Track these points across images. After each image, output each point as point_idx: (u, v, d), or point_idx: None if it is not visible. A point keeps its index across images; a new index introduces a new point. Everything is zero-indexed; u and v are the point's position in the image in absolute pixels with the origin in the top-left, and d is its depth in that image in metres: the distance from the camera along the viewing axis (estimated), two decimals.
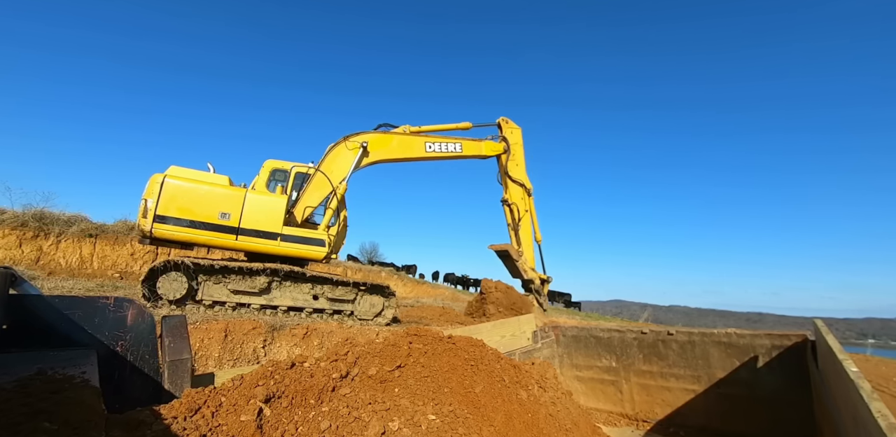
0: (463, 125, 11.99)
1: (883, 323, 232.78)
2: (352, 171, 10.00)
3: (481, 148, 11.96)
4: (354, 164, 10.02)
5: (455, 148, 11.37)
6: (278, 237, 8.71)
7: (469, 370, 3.22)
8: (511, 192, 12.20)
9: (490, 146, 12.11)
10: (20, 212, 13.30)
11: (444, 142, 11.28)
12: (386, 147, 10.67)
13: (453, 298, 25.26)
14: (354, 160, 10.00)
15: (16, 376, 1.81)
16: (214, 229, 8.23)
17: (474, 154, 11.84)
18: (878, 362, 10.20)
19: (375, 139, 10.46)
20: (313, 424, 2.29)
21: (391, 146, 10.75)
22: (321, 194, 9.69)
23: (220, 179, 8.80)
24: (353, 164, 9.98)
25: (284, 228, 8.80)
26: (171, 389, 2.85)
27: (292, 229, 8.97)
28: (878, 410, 1.95)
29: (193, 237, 8.21)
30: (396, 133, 10.98)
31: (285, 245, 8.81)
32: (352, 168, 9.99)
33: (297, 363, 2.69)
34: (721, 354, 5.24)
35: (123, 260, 14.55)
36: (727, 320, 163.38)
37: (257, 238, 8.57)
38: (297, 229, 9.07)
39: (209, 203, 8.26)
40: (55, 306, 2.61)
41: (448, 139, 11.40)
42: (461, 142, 11.48)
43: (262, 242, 8.62)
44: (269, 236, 8.63)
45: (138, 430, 1.88)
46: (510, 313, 10.63)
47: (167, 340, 3.01)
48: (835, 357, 3.00)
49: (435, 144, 11.15)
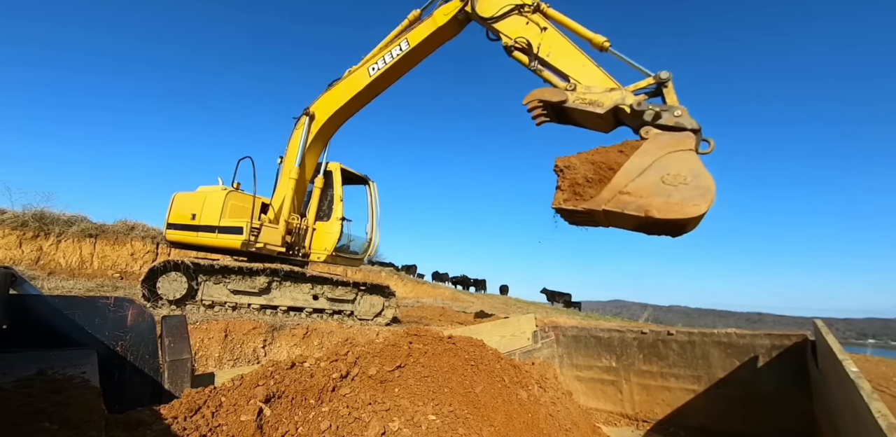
0: (409, 18, 8.36)
1: (883, 323, 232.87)
2: (301, 147, 9.28)
3: (433, 21, 7.80)
4: (303, 138, 9.28)
5: (402, 47, 8.19)
6: (216, 230, 8.72)
7: (469, 370, 3.22)
8: (506, 28, 6.94)
9: (442, 11, 7.72)
10: (20, 212, 13.30)
11: (388, 50, 8.38)
12: (332, 101, 9.16)
13: (453, 298, 25.26)
14: (302, 134, 9.29)
15: (16, 376, 1.81)
16: (188, 228, 9.06)
17: (429, 36, 7.87)
18: (878, 362, 10.21)
19: (320, 101, 9.37)
20: (313, 424, 2.29)
21: (337, 97, 9.09)
22: (288, 185, 9.36)
23: (216, 188, 9.14)
24: (301, 139, 9.29)
25: (225, 220, 8.69)
26: (171, 389, 2.85)
27: (231, 219, 8.75)
28: (878, 410, 1.95)
29: (181, 238, 9.10)
30: (340, 80, 9.16)
31: (220, 236, 8.79)
32: (300, 144, 9.29)
33: (297, 363, 2.69)
34: (721, 354, 5.25)
35: (123, 260, 14.56)
36: (727, 320, 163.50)
37: (205, 233, 8.86)
38: (234, 219, 8.79)
39: (188, 207, 9.18)
40: (55, 306, 2.61)
41: (392, 45, 8.35)
42: (405, 36, 8.21)
43: (206, 235, 8.86)
44: (210, 229, 8.81)
45: (138, 430, 1.88)
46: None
47: (167, 340, 3.01)
48: (835, 357, 3.00)
49: (378, 60, 8.47)
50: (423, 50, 8.15)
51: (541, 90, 5.88)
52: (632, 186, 4.43)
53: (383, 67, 8.36)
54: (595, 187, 4.78)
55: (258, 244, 8.65)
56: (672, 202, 4.18)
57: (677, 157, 4.50)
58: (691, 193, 4.16)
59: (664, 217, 4.15)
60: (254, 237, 8.58)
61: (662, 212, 4.16)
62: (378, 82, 8.66)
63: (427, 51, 8.26)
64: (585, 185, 4.87)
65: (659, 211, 4.17)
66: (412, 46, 7.97)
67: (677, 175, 4.33)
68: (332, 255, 9.85)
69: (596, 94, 5.54)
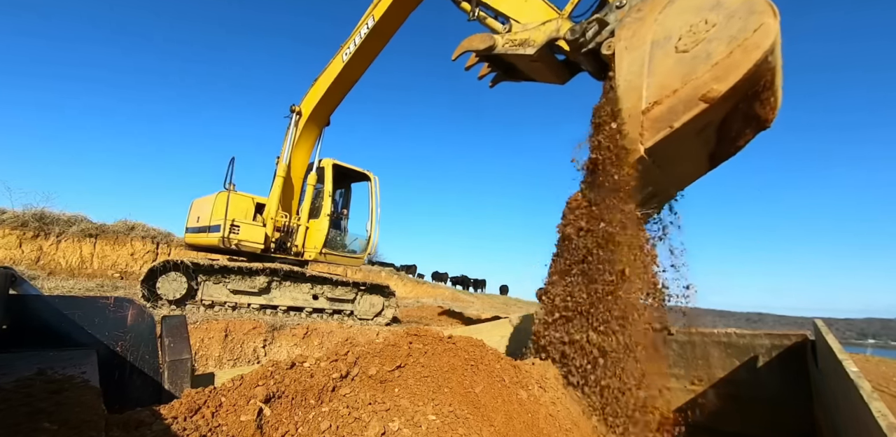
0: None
1: (883, 323, 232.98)
2: (291, 142, 9.46)
3: None
4: (291, 135, 9.44)
5: (368, 25, 7.86)
6: (208, 230, 9.08)
7: (469, 370, 3.22)
8: None
9: None
10: (20, 212, 13.31)
11: (357, 32, 8.10)
12: (315, 94, 9.25)
13: (453, 298, 25.26)
14: (290, 131, 9.47)
15: (16, 376, 1.81)
16: (194, 231, 9.71)
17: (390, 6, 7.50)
18: (878, 362, 10.21)
19: (306, 97, 9.52)
20: (313, 424, 2.29)
21: (318, 89, 9.15)
22: (277, 183, 9.45)
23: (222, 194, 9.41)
24: (290, 135, 9.46)
25: (214, 220, 8.98)
26: (171, 389, 2.85)
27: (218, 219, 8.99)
28: (878, 410, 1.95)
29: (190, 240, 9.78)
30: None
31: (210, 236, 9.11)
32: (289, 140, 9.46)
33: (297, 363, 2.69)
34: (721, 354, 5.25)
35: (123, 260, 14.56)
36: (727, 320, 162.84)
37: (203, 233, 9.30)
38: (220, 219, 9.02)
39: (198, 211, 9.85)
40: (55, 306, 2.61)
41: (360, 25, 8.05)
42: (371, 13, 7.85)
43: (202, 236, 9.33)
44: (205, 229, 9.23)
45: (138, 430, 1.88)
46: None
47: (167, 340, 3.01)
48: (835, 357, 3.00)
49: (350, 44, 8.27)
50: (389, 23, 7.83)
51: (469, 39, 4.87)
52: (653, 90, 2.98)
53: (354, 49, 8.17)
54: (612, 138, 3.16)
55: (234, 241, 8.75)
56: (719, 55, 2.72)
57: (672, 12, 3.02)
58: (735, 24, 2.70)
59: (732, 79, 2.69)
60: (234, 235, 8.69)
61: (720, 75, 2.71)
62: (352, 66, 8.51)
63: (393, 23, 7.91)
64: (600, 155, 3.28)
65: (716, 78, 2.71)
66: (378, 20, 7.69)
67: (693, 27, 2.85)
68: (322, 253, 9.76)
69: (528, 30, 4.30)
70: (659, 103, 2.91)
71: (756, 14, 2.65)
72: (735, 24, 2.70)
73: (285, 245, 9.45)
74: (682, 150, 3.13)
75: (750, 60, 2.63)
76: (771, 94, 2.91)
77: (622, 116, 3.11)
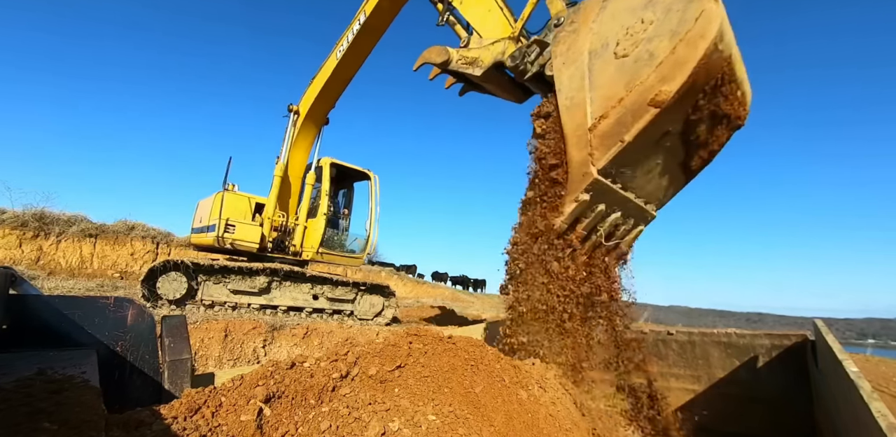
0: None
1: (883, 323, 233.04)
2: (289, 141, 9.57)
3: None
4: (288, 135, 9.57)
5: (359, 21, 7.89)
6: (207, 230, 9.19)
7: (469, 370, 3.22)
8: None
9: None
10: (20, 212, 13.31)
11: (350, 29, 8.16)
12: (311, 93, 9.39)
13: (453, 298, 25.27)
14: (288, 131, 9.60)
15: (16, 376, 1.81)
16: (197, 231, 9.92)
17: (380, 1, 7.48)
18: (878, 362, 10.21)
19: (304, 96, 9.63)
20: (313, 424, 2.29)
21: (314, 88, 9.30)
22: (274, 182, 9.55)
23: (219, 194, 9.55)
24: (288, 134, 9.59)
25: (212, 220, 9.07)
26: (171, 389, 2.86)
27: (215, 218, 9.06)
28: (878, 410, 1.95)
29: (195, 240, 10.00)
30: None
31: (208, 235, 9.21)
32: (287, 139, 9.58)
33: (297, 363, 2.69)
34: (721, 354, 5.25)
35: (123, 260, 14.56)
36: (727, 320, 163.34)
37: (204, 233, 9.40)
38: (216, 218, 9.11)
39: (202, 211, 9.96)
40: (55, 306, 2.61)
41: (353, 22, 8.11)
42: (362, 9, 7.85)
43: (202, 235, 9.46)
44: (205, 229, 9.37)
45: (138, 430, 1.88)
46: None
47: (167, 340, 3.02)
48: (835, 357, 3.00)
49: (343, 41, 8.41)
50: (379, 19, 7.78)
51: (428, 51, 4.72)
52: (597, 103, 2.67)
53: (347, 46, 8.22)
54: (559, 168, 2.96)
55: (229, 240, 8.80)
56: (662, 53, 2.44)
57: (605, 18, 2.74)
58: (674, 17, 2.41)
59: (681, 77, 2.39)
60: (229, 234, 8.74)
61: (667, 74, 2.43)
62: (346, 63, 8.56)
63: (383, 19, 7.85)
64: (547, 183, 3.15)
65: (663, 79, 2.44)
66: (367, 17, 7.69)
67: (630, 29, 2.57)
68: (320, 252, 9.78)
69: (480, 49, 4.10)
70: (605, 117, 2.60)
71: (694, 1, 2.36)
72: (674, 18, 2.41)
73: (283, 245, 9.46)
74: (644, 164, 2.80)
75: (697, 53, 2.34)
76: (734, 86, 2.63)
77: (568, 140, 2.79)
